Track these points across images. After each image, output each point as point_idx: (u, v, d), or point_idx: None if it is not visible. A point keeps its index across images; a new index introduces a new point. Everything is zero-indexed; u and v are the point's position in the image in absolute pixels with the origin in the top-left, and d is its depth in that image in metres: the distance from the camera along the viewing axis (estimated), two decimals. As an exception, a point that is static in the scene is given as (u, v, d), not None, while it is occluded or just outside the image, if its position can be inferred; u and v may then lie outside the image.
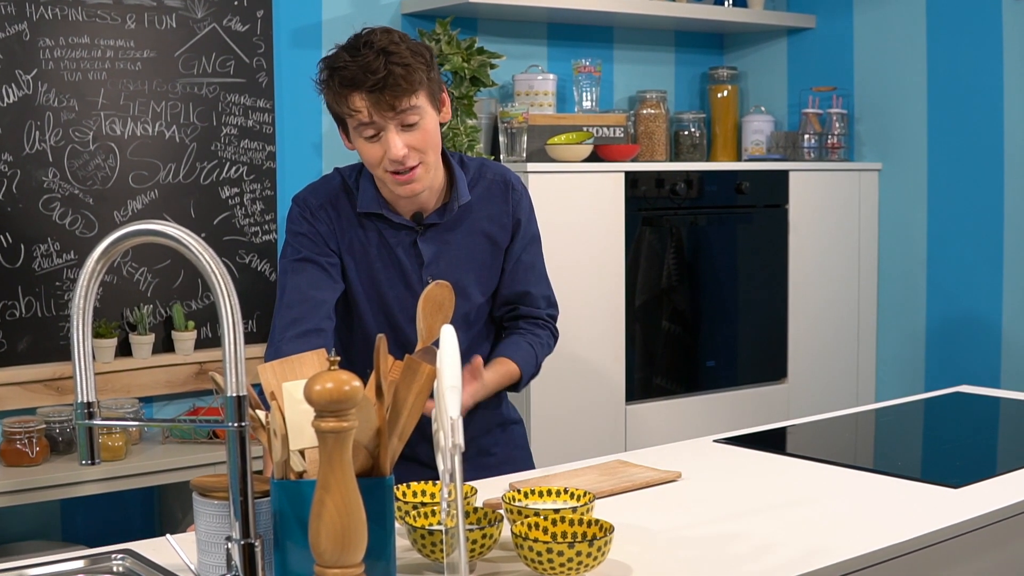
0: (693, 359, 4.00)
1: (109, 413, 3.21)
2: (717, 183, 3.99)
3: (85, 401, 1.42)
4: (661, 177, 3.85)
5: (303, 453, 1.51)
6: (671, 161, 4.27)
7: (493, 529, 1.63)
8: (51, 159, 3.31)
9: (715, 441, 2.42)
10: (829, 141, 4.29)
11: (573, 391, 3.63)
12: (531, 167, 3.56)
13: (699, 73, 4.61)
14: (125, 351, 3.43)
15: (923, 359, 4.18)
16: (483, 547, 1.62)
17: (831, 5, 4.39)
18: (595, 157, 3.83)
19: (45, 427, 3.13)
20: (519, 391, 2.33)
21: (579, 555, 1.55)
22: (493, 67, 3.73)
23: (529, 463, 2.41)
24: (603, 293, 3.73)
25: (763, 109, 4.45)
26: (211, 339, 3.56)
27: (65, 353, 3.34)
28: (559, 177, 3.63)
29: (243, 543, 1.43)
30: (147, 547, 1.73)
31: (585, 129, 3.87)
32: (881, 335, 4.32)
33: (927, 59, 4.10)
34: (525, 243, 2.31)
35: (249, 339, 3.51)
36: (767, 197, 4.10)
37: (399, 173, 2.09)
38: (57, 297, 3.34)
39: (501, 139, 3.78)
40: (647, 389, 3.86)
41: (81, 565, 1.68)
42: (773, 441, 2.48)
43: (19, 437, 3.05)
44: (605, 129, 3.95)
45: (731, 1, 4.45)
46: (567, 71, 4.14)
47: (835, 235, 4.23)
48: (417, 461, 2.18)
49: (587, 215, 3.68)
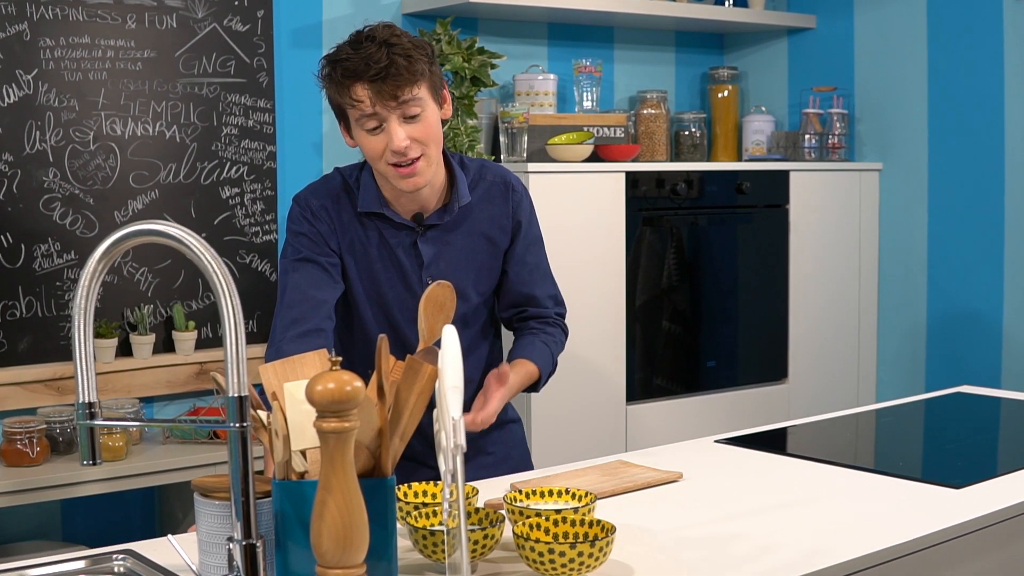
0: (694, 359, 4.00)
1: (110, 413, 3.21)
2: (718, 183, 3.99)
3: (87, 401, 1.42)
4: (662, 177, 3.85)
5: (304, 453, 1.51)
6: (672, 161, 4.27)
7: (495, 530, 1.63)
8: (51, 159, 3.31)
9: (716, 441, 2.42)
10: (830, 141, 4.29)
11: (573, 391, 3.63)
12: (532, 167, 3.56)
13: (700, 73, 4.61)
14: (125, 351, 3.43)
15: (924, 359, 4.18)
16: (485, 548, 1.62)
17: (832, 5, 4.39)
18: (596, 157, 3.83)
19: (45, 427, 3.13)
20: (539, 391, 2.32)
21: (581, 556, 1.55)
22: (493, 67, 3.73)
23: (527, 462, 2.41)
24: (604, 293, 3.72)
25: (764, 109, 4.45)
26: (211, 339, 3.56)
27: (65, 353, 3.34)
28: (559, 177, 3.63)
29: (245, 543, 1.43)
30: (148, 547, 1.73)
31: (585, 129, 3.87)
32: (882, 335, 4.32)
33: (928, 59, 4.10)
34: (527, 244, 2.31)
35: (249, 339, 3.49)
36: (768, 197, 4.10)
37: (401, 166, 2.09)
38: (57, 297, 3.34)
39: (502, 139, 3.78)
40: (647, 389, 3.86)
41: (82, 565, 1.68)
42: (774, 441, 2.48)
43: (20, 437, 3.06)
44: (606, 129, 3.95)
45: (731, 1, 4.45)
46: (568, 71, 4.14)
47: (836, 235, 4.23)
48: (417, 461, 2.18)
49: (588, 215, 3.68)
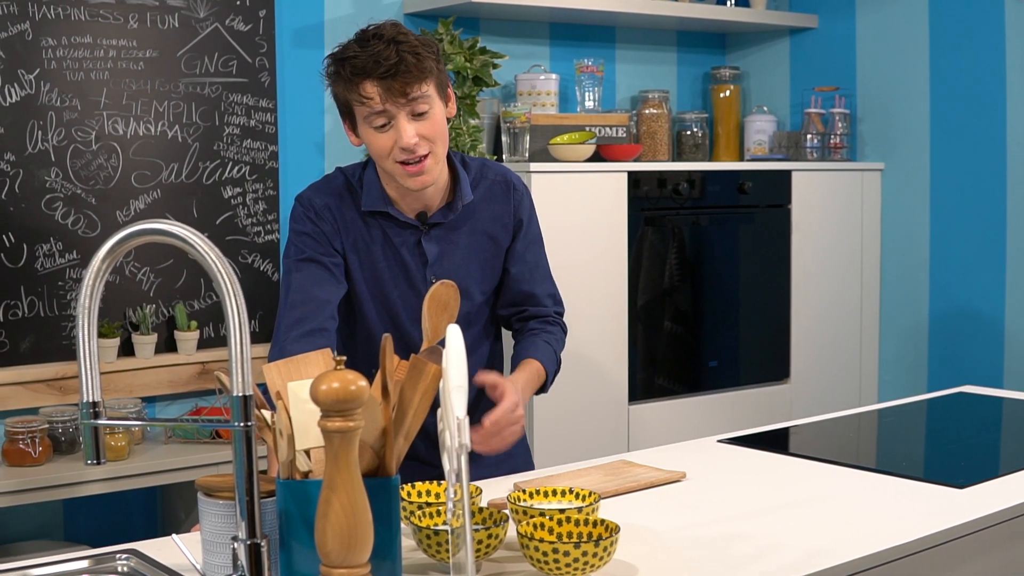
0: (696, 359, 3.99)
1: (112, 413, 3.21)
2: (719, 183, 3.99)
3: (91, 400, 1.42)
4: (663, 177, 3.84)
5: (309, 453, 1.51)
6: (673, 161, 4.27)
7: (499, 529, 1.62)
8: (53, 159, 3.31)
9: (719, 441, 2.42)
10: (832, 141, 4.29)
11: (576, 391, 3.63)
12: (533, 167, 3.56)
13: (701, 73, 4.61)
14: (128, 351, 3.43)
15: (926, 359, 4.18)
16: (488, 547, 1.62)
17: (833, 5, 4.39)
18: (597, 157, 3.83)
19: (48, 427, 3.13)
20: (547, 391, 2.30)
21: (585, 555, 1.54)
22: (495, 67, 3.73)
23: (528, 460, 2.40)
24: (606, 293, 3.72)
25: (765, 109, 4.45)
26: (214, 339, 3.56)
27: (67, 353, 3.33)
28: (561, 177, 3.63)
29: (249, 543, 1.43)
30: (151, 547, 1.73)
31: (587, 129, 3.87)
32: (884, 335, 4.32)
33: (929, 58, 4.10)
34: (527, 243, 2.31)
35: (251, 339, 3.48)
36: (770, 197, 4.10)
37: (409, 163, 2.09)
38: (60, 297, 3.34)
39: (503, 139, 3.78)
40: (649, 389, 3.86)
41: (86, 565, 1.68)
42: (776, 441, 2.48)
43: (22, 437, 3.06)
44: (607, 129, 3.94)
45: (733, 1, 4.45)
46: (569, 71, 4.14)
47: (838, 235, 4.23)
48: (421, 460, 2.18)
49: (589, 215, 3.68)
